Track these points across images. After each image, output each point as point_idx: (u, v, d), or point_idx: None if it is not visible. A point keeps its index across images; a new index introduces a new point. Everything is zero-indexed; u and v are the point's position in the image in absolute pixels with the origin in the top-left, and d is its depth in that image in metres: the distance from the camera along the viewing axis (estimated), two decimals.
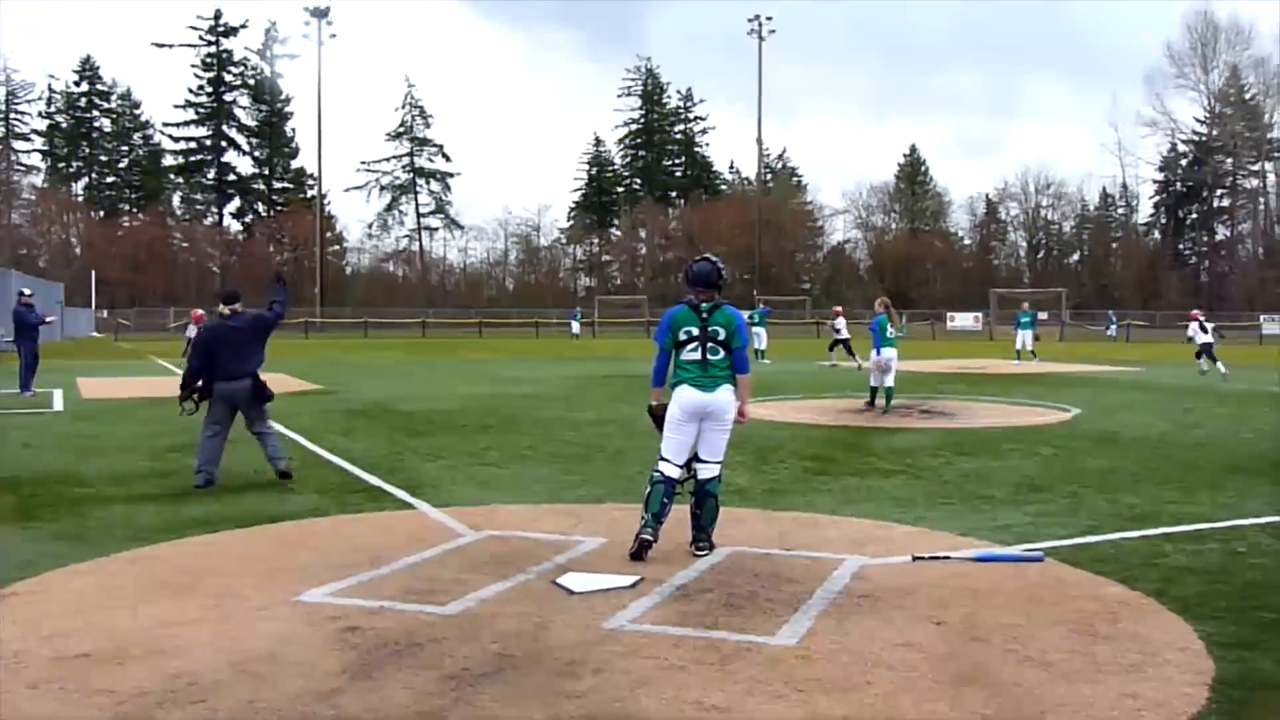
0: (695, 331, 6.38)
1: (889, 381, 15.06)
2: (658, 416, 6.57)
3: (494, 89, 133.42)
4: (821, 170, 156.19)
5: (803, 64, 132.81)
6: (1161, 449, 11.20)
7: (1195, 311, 26.69)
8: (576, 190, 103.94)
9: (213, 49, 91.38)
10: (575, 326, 57.53)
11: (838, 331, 27.97)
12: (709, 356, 6.36)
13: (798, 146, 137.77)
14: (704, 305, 6.43)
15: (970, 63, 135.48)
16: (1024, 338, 28.39)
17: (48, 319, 20.02)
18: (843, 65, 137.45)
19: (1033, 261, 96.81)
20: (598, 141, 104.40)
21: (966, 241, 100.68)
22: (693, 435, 6.41)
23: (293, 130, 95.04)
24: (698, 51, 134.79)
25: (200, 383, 9.13)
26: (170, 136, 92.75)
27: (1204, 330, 23.77)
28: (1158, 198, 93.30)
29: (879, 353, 14.99)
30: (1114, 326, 57.06)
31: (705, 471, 6.42)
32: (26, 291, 19.21)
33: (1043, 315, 65.78)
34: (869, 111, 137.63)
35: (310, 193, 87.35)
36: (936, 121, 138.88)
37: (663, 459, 6.43)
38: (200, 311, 24.50)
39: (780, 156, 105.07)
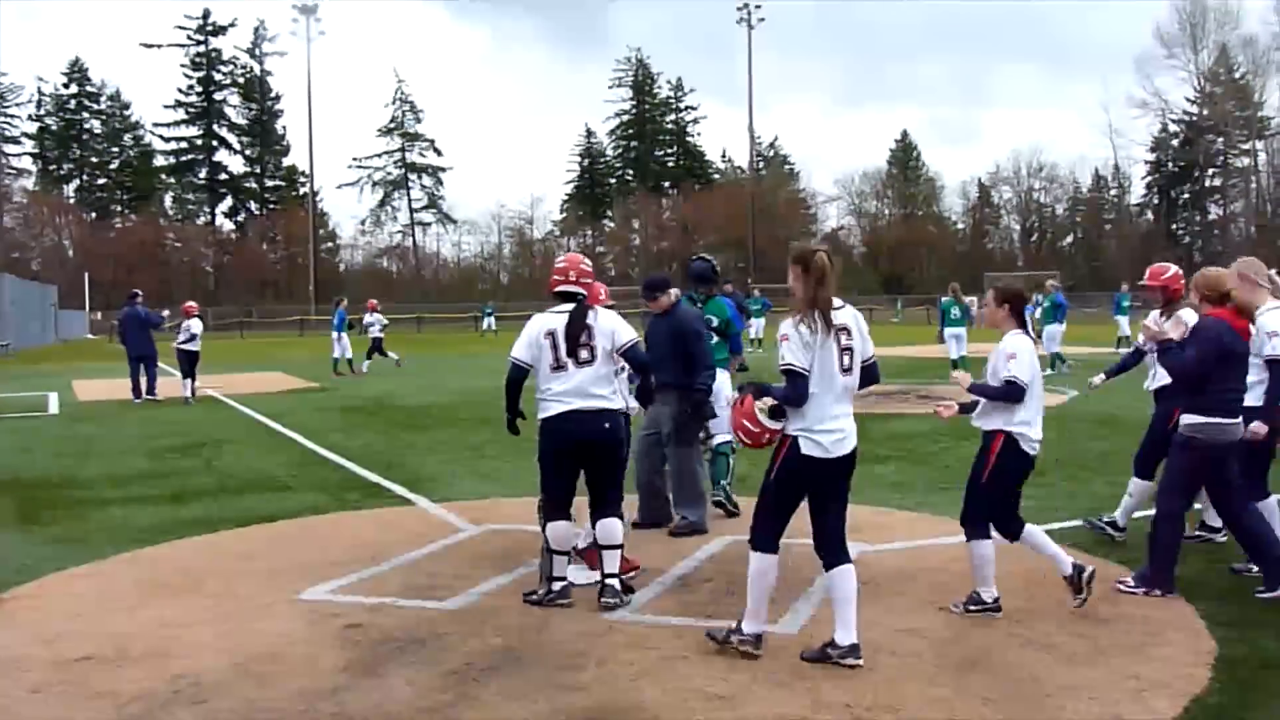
0: None
1: (953, 353, 17.70)
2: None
3: (484, 83, 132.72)
4: (807, 158, 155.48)
5: (780, 54, 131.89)
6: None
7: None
8: (569, 182, 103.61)
9: (201, 48, 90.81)
10: (487, 322, 54.25)
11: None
12: None
13: (782, 136, 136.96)
14: (699, 297, 7.32)
15: (950, 49, 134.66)
16: (1124, 322, 26.90)
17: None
18: (819, 55, 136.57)
19: (1026, 244, 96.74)
20: (589, 133, 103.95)
21: (960, 226, 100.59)
22: None
23: (283, 128, 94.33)
24: (678, 45, 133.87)
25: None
26: (161, 137, 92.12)
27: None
28: (1150, 178, 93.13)
29: (942, 330, 18.34)
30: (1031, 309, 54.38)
31: (717, 439, 7.29)
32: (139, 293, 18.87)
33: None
34: (850, 100, 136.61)
35: (302, 190, 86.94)
36: (921, 108, 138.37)
37: None
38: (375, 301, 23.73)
39: (772, 144, 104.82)
